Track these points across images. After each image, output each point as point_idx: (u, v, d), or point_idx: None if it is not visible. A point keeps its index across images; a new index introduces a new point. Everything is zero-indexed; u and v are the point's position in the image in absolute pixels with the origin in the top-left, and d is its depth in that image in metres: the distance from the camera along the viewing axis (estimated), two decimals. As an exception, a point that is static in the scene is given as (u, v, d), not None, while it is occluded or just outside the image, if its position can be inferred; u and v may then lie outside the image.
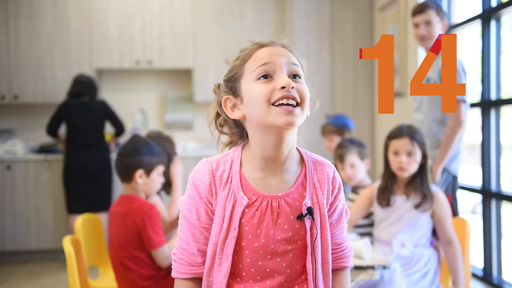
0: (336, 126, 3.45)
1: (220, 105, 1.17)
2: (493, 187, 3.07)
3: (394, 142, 2.24)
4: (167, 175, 2.55)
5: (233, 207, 1.09)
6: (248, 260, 1.10)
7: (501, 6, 2.95)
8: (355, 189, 2.71)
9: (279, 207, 1.10)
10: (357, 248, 2.04)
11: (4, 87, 4.62)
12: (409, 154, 2.19)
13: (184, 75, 5.09)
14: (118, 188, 4.27)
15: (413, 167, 2.20)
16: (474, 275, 3.14)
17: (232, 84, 1.14)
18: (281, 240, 1.10)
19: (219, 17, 4.84)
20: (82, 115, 4.25)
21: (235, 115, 1.13)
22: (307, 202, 1.11)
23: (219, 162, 1.13)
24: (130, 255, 2.06)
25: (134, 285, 2.07)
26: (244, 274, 1.11)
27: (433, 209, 2.20)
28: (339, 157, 2.66)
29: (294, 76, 1.10)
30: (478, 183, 3.21)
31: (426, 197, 2.19)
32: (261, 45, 1.12)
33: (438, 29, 2.78)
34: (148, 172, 2.15)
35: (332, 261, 1.18)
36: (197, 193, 1.12)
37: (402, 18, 3.97)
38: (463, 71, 2.65)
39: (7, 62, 4.64)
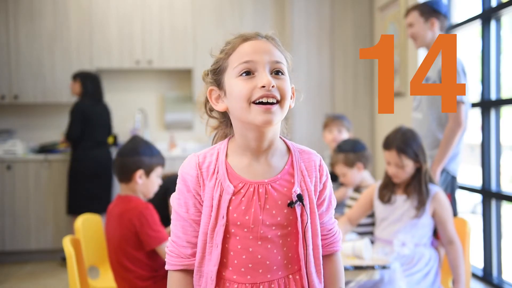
0: (347, 121, 3.43)
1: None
2: (493, 187, 3.07)
3: (385, 152, 2.27)
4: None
5: (220, 196, 1.12)
6: (238, 247, 1.12)
7: (501, 6, 2.95)
8: (357, 189, 2.72)
9: (266, 193, 1.12)
10: (357, 248, 2.04)
11: (4, 87, 4.62)
12: (398, 166, 2.22)
13: (184, 75, 5.09)
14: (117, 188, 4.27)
15: (404, 175, 2.23)
16: (474, 275, 3.14)
17: (216, 77, 1.16)
18: (270, 225, 1.12)
19: (219, 17, 4.84)
20: (98, 115, 4.37)
21: (219, 106, 1.16)
22: (297, 189, 1.13)
23: (205, 155, 1.17)
24: (128, 255, 2.06)
25: (133, 286, 2.07)
26: (235, 261, 1.12)
27: (434, 209, 2.21)
28: (332, 169, 2.80)
29: (277, 73, 1.12)
30: (478, 183, 3.21)
31: (422, 201, 2.19)
32: (245, 39, 1.14)
33: (421, 28, 2.80)
34: (147, 172, 2.15)
35: (324, 247, 1.21)
36: (185, 186, 1.15)
37: (402, 18, 3.97)
38: (463, 71, 2.65)
39: (7, 62, 4.64)
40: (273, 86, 1.08)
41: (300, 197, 1.13)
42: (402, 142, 2.22)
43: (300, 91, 1.22)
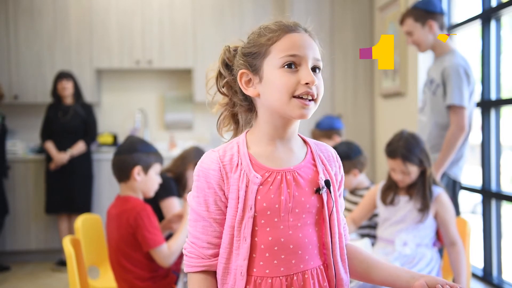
0: (322, 130, 3.36)
1: (226, 66, 1.18)
2: (493, 187, 3.07)
3: (389, 160, 2.26)
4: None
5: (247, 186, 1.09)
6: (270, 238, 1.08)
7: (501, 6, 2.95)
8: (353, 191, 2.71)
9: (294, 180, 1.11)
10: (357, 248, 2.03)
11: (4, 87, 4.61)
12: (404, 173, 2.21)
13: (184, 75, 5.09)
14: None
15: (409, 181, 2.23)
16: (474, 275, 3.14)
17: (252, 61, 1.13)
18: (300, 213, 1.10)
19: (219, 17, 4.84)
20: None
21: (250, 91, 1.14)
22: (322, 176, 1.13)
23: (225, 149, 1.14)
24: (127, 256, 2.05)
25: (133, 286, 2.07)
26: (267, 254, 1.09)
27: (437, 211, 2.20)
28: None
29: (314, 69, 1.11)
30: (478, 183, 3.21)
31: (426, 205, 2.19)
32: (289, 29, 1.12)
33: (421, 34, 2.77)
34: (146, 169, 2.14)
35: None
36: (206, 183, 1.11)
37: (402, 18, 3.97)
38: (465, 75, 2.65)
39: (7, 62, 4.64)
40: (315, 84, 1.08)
41: (328, 183, 1.12)
42: (406, 150, 2.20)
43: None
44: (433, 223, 2.22)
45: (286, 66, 1.08)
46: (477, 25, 3.21)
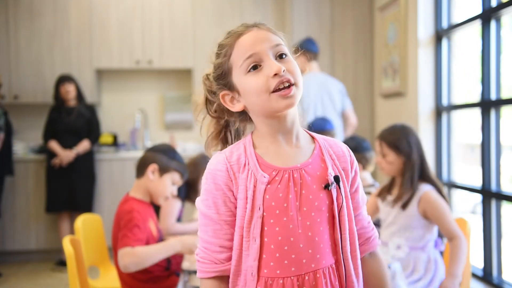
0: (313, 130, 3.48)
1: (212, 92, 1.18)
2: (493, 187, 3.06)
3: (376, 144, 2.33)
4: None
5: (255, 186, 1.08)
6: (279, 238, 1.07)
7: (501, 6, 2.95)
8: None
9: (301, 178, 1.09)
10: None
11: (4, 87, 4.61)
12: (382, 155, 2.24)
13: (184, 75, 5.09)
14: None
15: (387, 165, 2.24)
16: (474, 275, 3.13)
17: (224, 81, 1.14)
18: (308, 211, 1.08)
19: (219, 17, 4.84)
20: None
21: (236, 107, 1.15)
22: (331, 171, 1.11)
23: (232, 150, 1.13)
24: None
25: (134, 285, 2.06)
26: (277, 255, 1.07)
27: (425, 210, 2.14)
28: None
29: (281, 56, 1.10)
30: (478, 183, 3.21)
31: (399, 195, 2.17)
32: (238, 34, 1.12)
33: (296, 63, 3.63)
34: (162, 171, 2.13)
35: (368, 242, 1.19)
36: (213, 184, 1.10)
37: (402, 18, 3.97)
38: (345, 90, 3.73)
39: (7, 62, 4.64)
40: (284, 70, 1.07)
41: (337, 179, 1.11)
42: (388, 133, 2.25)
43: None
44: (424, 224, 2.16)
45: (250, 70, 1.08)
46: (477, 25, 3.21)
